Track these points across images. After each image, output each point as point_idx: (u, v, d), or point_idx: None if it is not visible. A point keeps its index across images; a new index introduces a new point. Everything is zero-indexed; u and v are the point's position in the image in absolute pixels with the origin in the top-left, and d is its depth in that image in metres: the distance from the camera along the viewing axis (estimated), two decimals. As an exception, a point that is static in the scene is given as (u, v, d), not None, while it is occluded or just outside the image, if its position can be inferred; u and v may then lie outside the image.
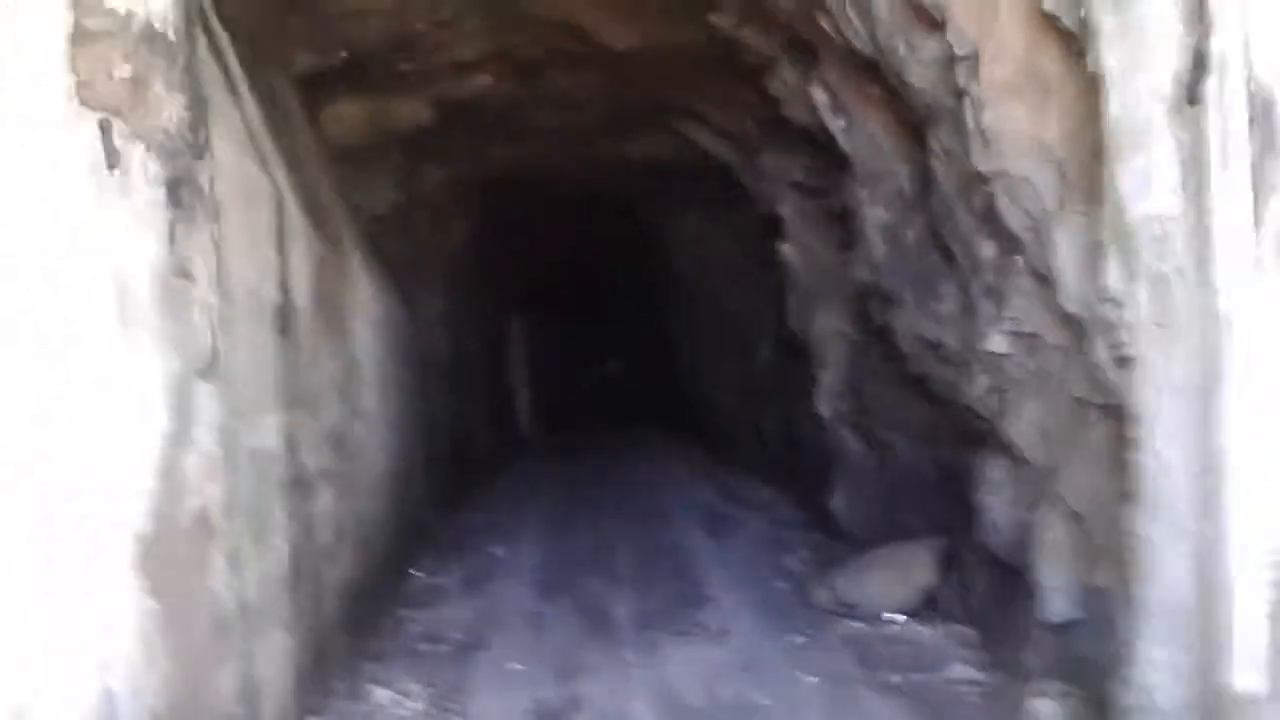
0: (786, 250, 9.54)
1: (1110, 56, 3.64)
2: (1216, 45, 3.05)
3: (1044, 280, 4.67)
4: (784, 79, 7.60)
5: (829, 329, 9.05)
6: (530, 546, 9.63)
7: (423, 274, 11.14)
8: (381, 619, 6.98)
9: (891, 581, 6.58)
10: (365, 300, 7.34)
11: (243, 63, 5.32)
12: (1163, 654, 3.65)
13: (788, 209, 9.55)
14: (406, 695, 5.45)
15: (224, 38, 5.00)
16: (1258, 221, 2.96)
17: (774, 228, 10.13)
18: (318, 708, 5.16)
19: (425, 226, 10.99)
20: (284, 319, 5.08)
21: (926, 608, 6.46)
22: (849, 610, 6.60)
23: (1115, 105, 3.65)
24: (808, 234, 9.30)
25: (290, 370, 5.11)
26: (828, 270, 9.08)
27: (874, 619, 6.42)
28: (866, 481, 8.32)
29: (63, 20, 2.99)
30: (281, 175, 5.33)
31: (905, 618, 6.34)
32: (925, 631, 6.08)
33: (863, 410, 8.19)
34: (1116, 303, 3.80)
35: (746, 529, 9.93)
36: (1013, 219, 4.71)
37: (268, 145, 5.27)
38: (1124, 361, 3.83)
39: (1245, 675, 3.14)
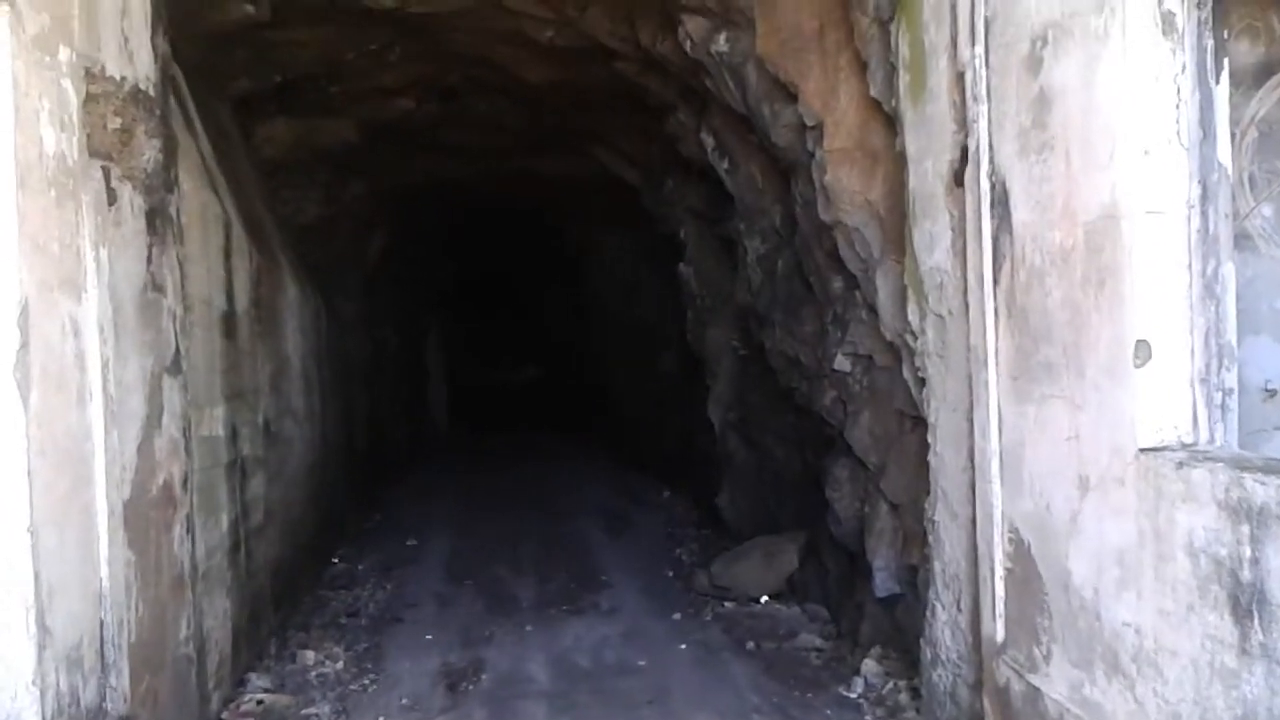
0: (685, 270, 10.46)
1: (910, 142, 4.63)
2: (972, 143, 4.03)
3: (874, 313, 5.64)
4: (681, 121, 8.53)
5: (720, 344, 9.99)
6: (441, 538, 10.40)
7: (344, 279, 11.84)
8: (304, 597, 7.72)
9: (759, 568, 7.52)
10: (293, 304, 8.07)
11: (195, 96, 6.07)
12: (946, 615, 4.63)
13: (687, 233, 10.48)
14: (330, 657, 6.22)
15: (180, 76, 5.76)
16: (995, 280, 3.92)
17: (675, 248, 11.08)
18: (254, 665, 5.91)
19: (347, 235, 11.71)
20: (229, 324, 5.84)
21: (789, 590, 7.42)
22: (723, 593, 7.52)
23: (913, 180, 4.63)
24: (704, 256, 10.23)
25: (233, 368, 5.87)
26: (720, 290, 10.04)
27: (744, 600, 7.34)
28: (749, 482, 9.28)
29: (80, 88, 3.75)
30: (229, 199, 6.09)
31: (769, 598, 7.29)
32: (783, 610, 7.03)
33: (746, 418, 9.14)
34: (915, 335, 4.77)
35: (644, 526, 10.84)
36: (850, 261, 5.68)
37: (218, 173, 6.02)
38: (921, 382, 4.81)
39: (993, 625, 4.10)
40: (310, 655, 6.18)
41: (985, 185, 3.98)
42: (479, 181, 13.35)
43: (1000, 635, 4.00)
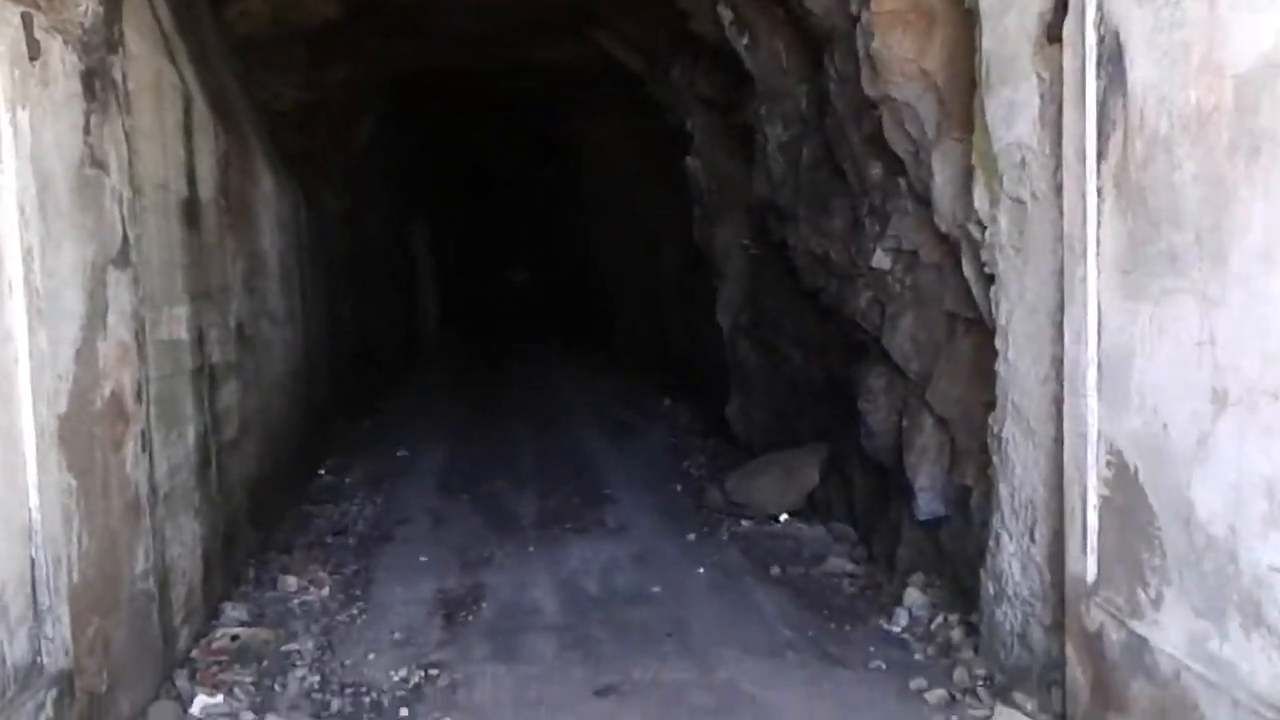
0: (692, 164, 9.72)
1: (987, -7, 3.91)
2: (1076, -12, 3.33)
3: (923, 202, 4.97)
4: (693, -7, 7.73)
5: (730, 242, 9.31)
6: (434, 448, 9.84)
7: (327, 172, 11.07)
8: (287, 513, 7.16)
9: (778, 484, 6.96)
10: (269, 196, 7.35)
11: (150, -46, 5.28)
12: (1014, 545, 4.05)
13: (695, 123, 9.72)
14: (315, 583, 5.66)
15: (131, -73, 4.97)
16: (1101, 154, 3.26)
17: (683, 140, 10.33)
18: (229, 593, 5.36)
19: (330, 124, 10.90)
20: (191, 212, 5.14)
21: (810, 508, 6.88)
22: (739, 510, 6.97)
23: (988, 39, 3.92)
24: (713, 148, 9.49)
25: (197, 263, 5.19)
26: (731, 185, 9.31)
27: (761, 518, 6.80)
28: (761, 391, 8.69)
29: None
30: (190, 70, 5.34)
31: (789, 517, 6.74)
32: (807, 529, 6.48)
33: (760, 322, 8.51)
34: (982, 225, 4.12)
35: (648, 436, 10.27)
36: (897, 143, 4.98)
37: (177, 40, 5.26)
38: (988, 279, 4.17)
39: (1081, 561, 3.52)
40: (292, 581, 5.62)
41: (1091, 38, 3.29)
42: (470, 70, 12.47)
43: (1091, 573, 3.43)
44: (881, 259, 5.42)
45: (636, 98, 11.74)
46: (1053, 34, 3.50)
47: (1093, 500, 3.40)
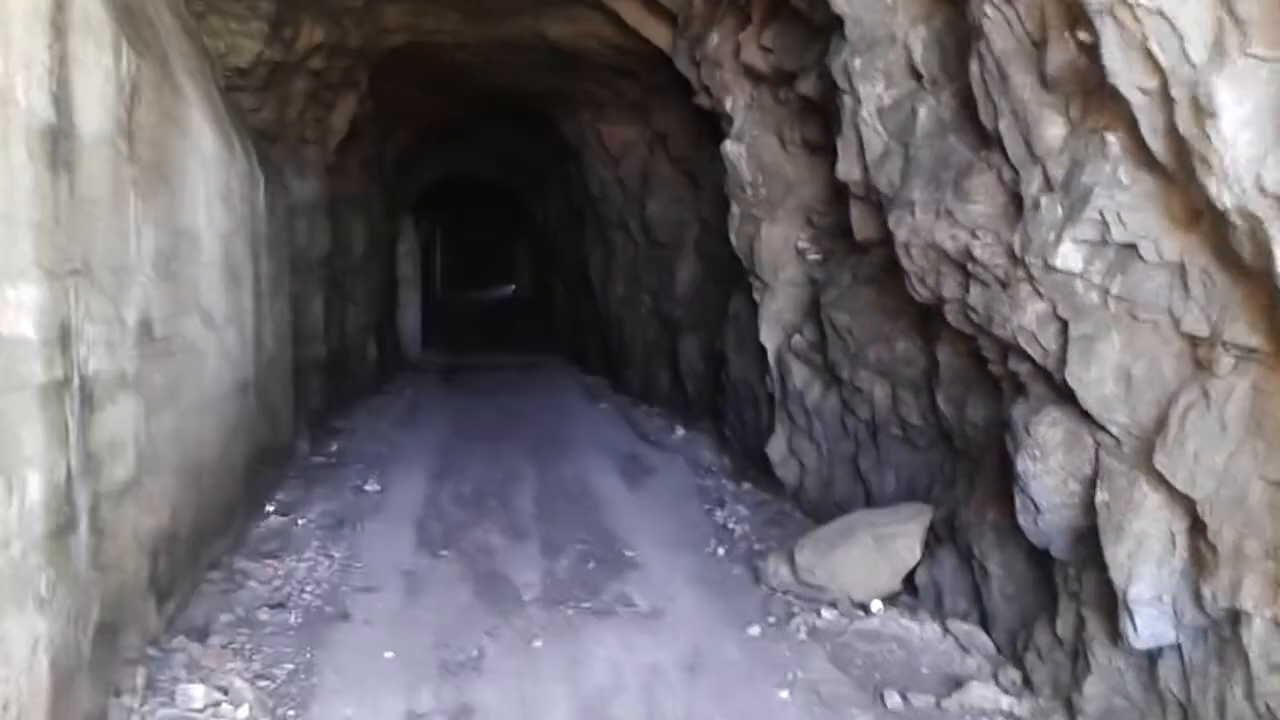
0: (732, 150, 8.03)
1: None
2: None
3: (1156, 167, 3.30)
4: (761, -75, 6.09)
5: (781, 244, 7.63)
6: (411, 482, 8.10)
7: (298, 151, 9.35)
8: (213, 573, 5.42)
9: (868, 559, 5.22)
10: (210, 160, 5.62)
11: None
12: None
13: (736, 102, 8.06)
14: (231, 695, 3.91)
15: None
16: None
17: (714, 127, 8.68)
18: (104, 712, 3.61)
19: (305, 94, 9.16)
20: (58, 146, 3.41)
21: (911, 593, 5.18)
22: (813, 593, 5.24)
23: None
24: (761, 130, 7.83)
25: (66, 224, 3.45)
26: (783, 174, 7.66)
27: (846, 606, 5.07)
28: (821, 429, 6.98)
29: None
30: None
31: (883, 606, 5.03)
32: (915, 629, 4.75)
33: (823, 343, 6.80)
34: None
35: (666, 476, 8.50)
36: (1123, 75, 3.29)
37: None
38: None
39: None
40: (198, 693, 3.86)
41: None
42: (471, 49, 10.77)
43: None
44: (1070, 256, 3.73)
45: (651, 86, 10.08)
46: None
47: None
